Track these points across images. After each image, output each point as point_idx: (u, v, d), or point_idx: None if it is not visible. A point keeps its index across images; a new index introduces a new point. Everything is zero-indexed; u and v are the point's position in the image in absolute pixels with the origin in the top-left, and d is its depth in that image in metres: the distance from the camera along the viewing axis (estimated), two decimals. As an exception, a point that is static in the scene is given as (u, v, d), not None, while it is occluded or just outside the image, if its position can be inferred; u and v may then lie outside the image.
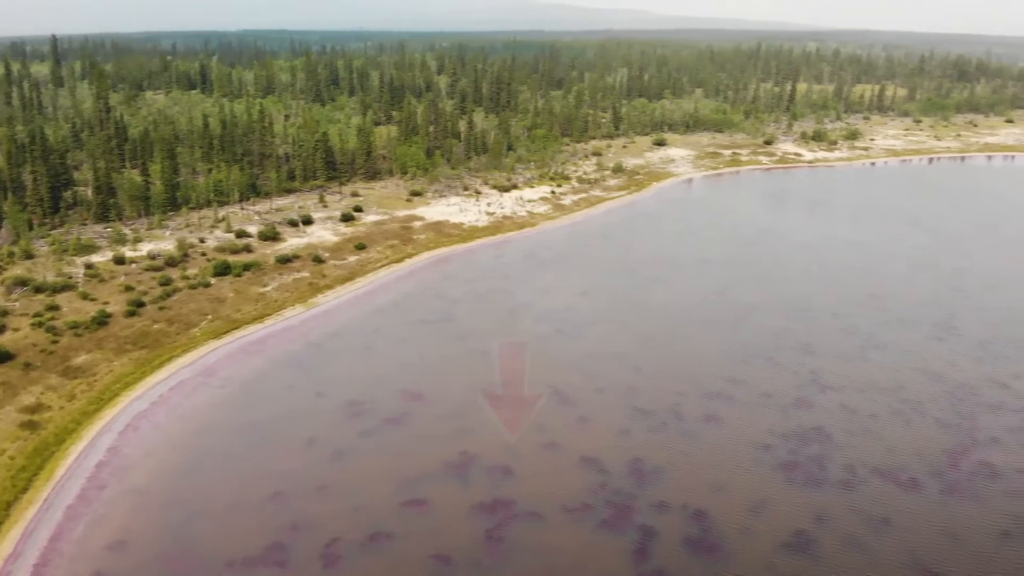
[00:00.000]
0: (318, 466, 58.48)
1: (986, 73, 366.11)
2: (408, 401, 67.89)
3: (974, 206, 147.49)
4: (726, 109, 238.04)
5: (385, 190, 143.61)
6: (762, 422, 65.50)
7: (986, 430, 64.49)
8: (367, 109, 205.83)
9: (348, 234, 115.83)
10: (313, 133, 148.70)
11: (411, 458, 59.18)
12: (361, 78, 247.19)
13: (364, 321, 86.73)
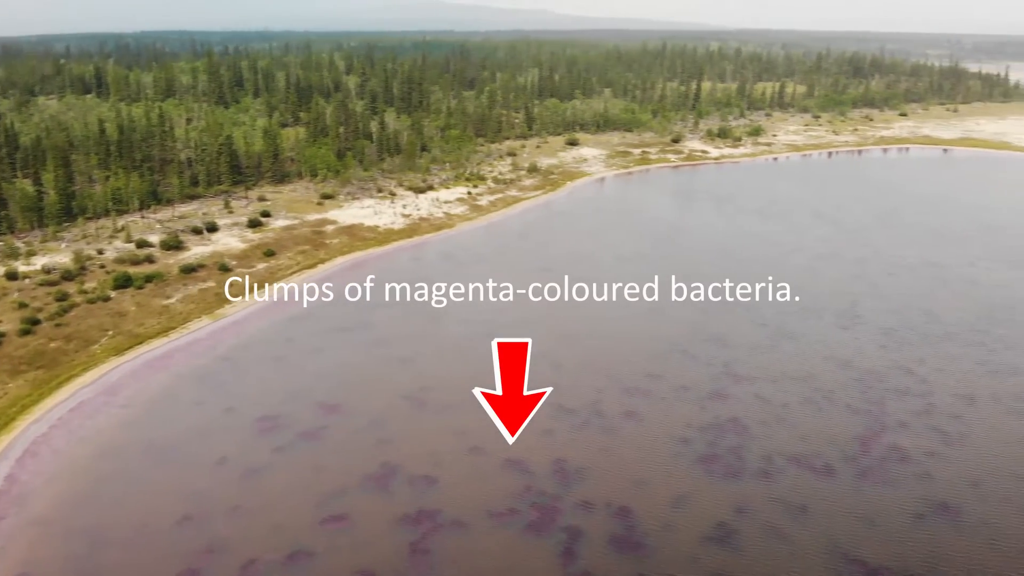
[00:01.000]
0: (231, 485, 56.01)
1: (880, 69, 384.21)
2: (325, 413, 65.89)
3: (872, 197, 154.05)
4: (635, 109, 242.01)
5: (294, 194, 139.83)
6: (680, 415, 66.39)
7: (894, 415, 67.04)
8: (273, 111, 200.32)
9: (256, 241, 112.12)
10: (217, 136, 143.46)
11: (330, 472, 57.36)
12: (266, 79, 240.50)
13: (276, 331, 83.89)
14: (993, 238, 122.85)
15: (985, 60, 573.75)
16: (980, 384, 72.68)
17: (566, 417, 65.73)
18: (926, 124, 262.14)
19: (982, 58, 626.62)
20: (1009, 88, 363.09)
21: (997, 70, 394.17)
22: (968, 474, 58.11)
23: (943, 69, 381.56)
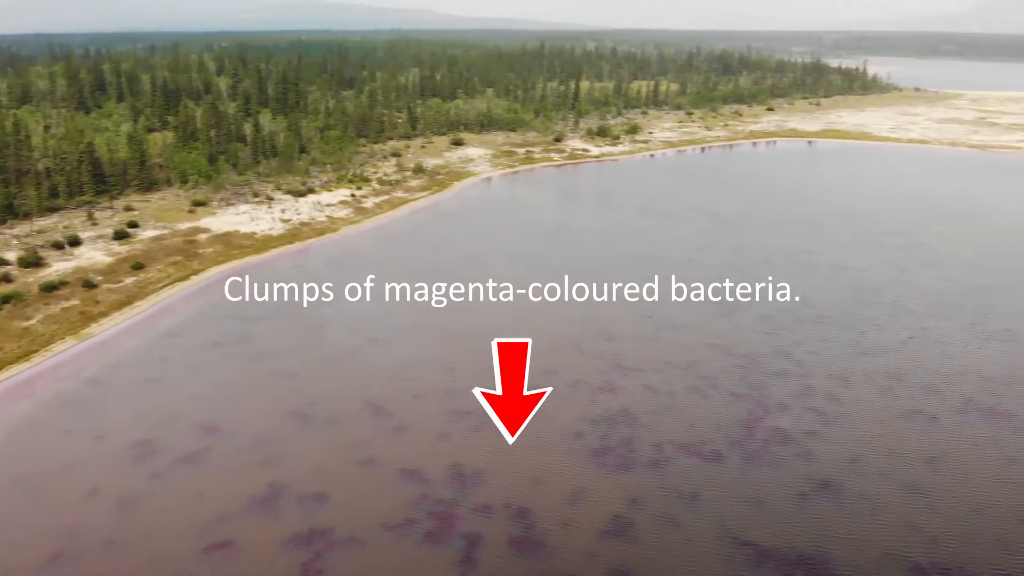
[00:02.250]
0: (104, 518, 52.08)
1: (747, 66, 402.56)
2: (205, 435, 62.34)
3: (745, 189, 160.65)
4: (517, 108, 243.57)
5: (164, 202, 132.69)
6: (573, 410, 66.72)
7: (774, 398, 69.62)
8: (139, 115, 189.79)
9: (123, 253, 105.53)
10: (77, 144, 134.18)
11: (212, 497, 54.21)
12: (131, 82, 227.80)
13: (148, 350, 78.93)
14: (858, 225, 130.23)
15: (845, 55, 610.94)
16: (853, 364, 76.56)
17: (461, 420, 64.81)
18: (792, 118, 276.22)
19: (842, 53, 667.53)
20: (867, 81, 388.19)
21: (856, 64, 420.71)
22: (847, 451, 60.91)
23: (806, 65, 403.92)
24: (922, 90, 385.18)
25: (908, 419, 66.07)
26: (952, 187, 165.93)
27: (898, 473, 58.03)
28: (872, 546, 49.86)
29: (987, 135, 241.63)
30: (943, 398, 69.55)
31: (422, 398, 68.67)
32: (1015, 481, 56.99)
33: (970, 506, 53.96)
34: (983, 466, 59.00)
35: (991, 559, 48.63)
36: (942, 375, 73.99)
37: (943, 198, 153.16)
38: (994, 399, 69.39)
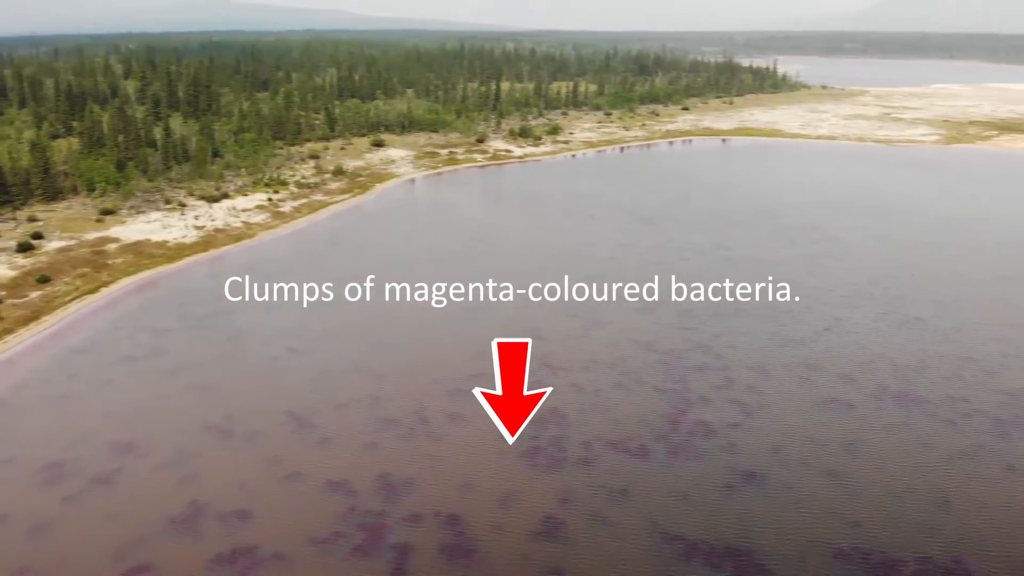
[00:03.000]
0: (14, 547, 49.15)
1: (663, 66, 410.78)
2: (119, 454, 59.54)
3: (663, 188, 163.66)
4: (438, 109, 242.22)
5: (70, 211, 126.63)
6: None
7: (697, 391, 70.90)
8: (42, 121, 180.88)
9: (27, 266, 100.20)
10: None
11: (129, 519, 51.77)
12: (33, 87, 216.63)
13: (56, 367, 74.99)
14: (772, 220, 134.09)
15: (755, 55, 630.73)
16: (771, 356, 78.64)
17: (389, 428, 63.75)
18: (706, 117, 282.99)
19: (752, 53, 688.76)
20: (777, 80, 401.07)
21: (766, 64, 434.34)
22: (768, 442, 62.45)
23: (719, 65, 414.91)
24: (829, 88, 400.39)
25: (826, 408, 68.20)
26: (860, 181, 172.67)
27: (818, 461, 59.79)
28: (796, 534, 51.17)
29: (891, 130, 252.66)
30: (858, 386, 72.07)
31: (347, 407, 67.24)
32: (930, 465, 59.43)
33: (888, 491, 55.99)
34: (899, 451, 61.33)
35: (910, 541, 50.51)
36: (857, 364, 76.68)
37: (852, 192, 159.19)
38: (907, 385, 72.30)
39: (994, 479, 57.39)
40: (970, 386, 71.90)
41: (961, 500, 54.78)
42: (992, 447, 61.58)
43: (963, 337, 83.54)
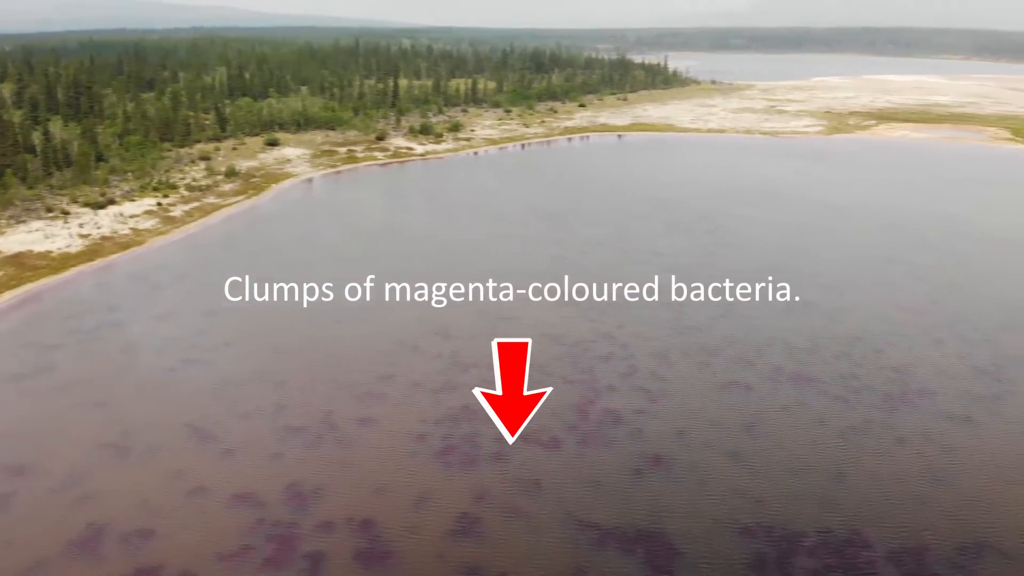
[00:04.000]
0: None
1: (558, 64, 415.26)
2: (10, 477, 55.86)
3: (563, 184, 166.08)
4: (335, 107, 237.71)
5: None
6: (414, 413, 66.00)
7: (603, 380, 72.35)
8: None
9: None
10: None
11: (25, 544, 48.70)
12: None
13: (-71, 389, 69.80)
14: (669, 213, 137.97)
15: (647, 51, 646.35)
16: (672, 343, 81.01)
17: (296, 437, 62.20)
18: (602, 113, 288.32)
19: (644, 50, 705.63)
20: (669, 76, 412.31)
21: (657, 60, 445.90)
22: (673, 426, 64.31)
23: (612, 61, 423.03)
24: (718, 82, 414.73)
25: (725, 391, 70.78)
26: (750, 172, 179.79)
27: (721, 442, 61.98)
28: (703, 515, 52.91)
29: (777, 122, 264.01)
30: (755, 368, 75.08)
31: (250, 417, 65.21)
32: (825, 441, 62.49)
33: (787, 468, 58.61)
34: (796, 429, 64.25)
35: (811, 515, 53.01)
36: (752, 347, 79.86)
37: (742, 183, 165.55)
38: (800, 365, 75.82)
39: (885, 452, 60.88)
40: (859, 364, 76.02)
41: (856, 473, 57.87)
42: (882, 421, 65.30)
43: (851, 318, 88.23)
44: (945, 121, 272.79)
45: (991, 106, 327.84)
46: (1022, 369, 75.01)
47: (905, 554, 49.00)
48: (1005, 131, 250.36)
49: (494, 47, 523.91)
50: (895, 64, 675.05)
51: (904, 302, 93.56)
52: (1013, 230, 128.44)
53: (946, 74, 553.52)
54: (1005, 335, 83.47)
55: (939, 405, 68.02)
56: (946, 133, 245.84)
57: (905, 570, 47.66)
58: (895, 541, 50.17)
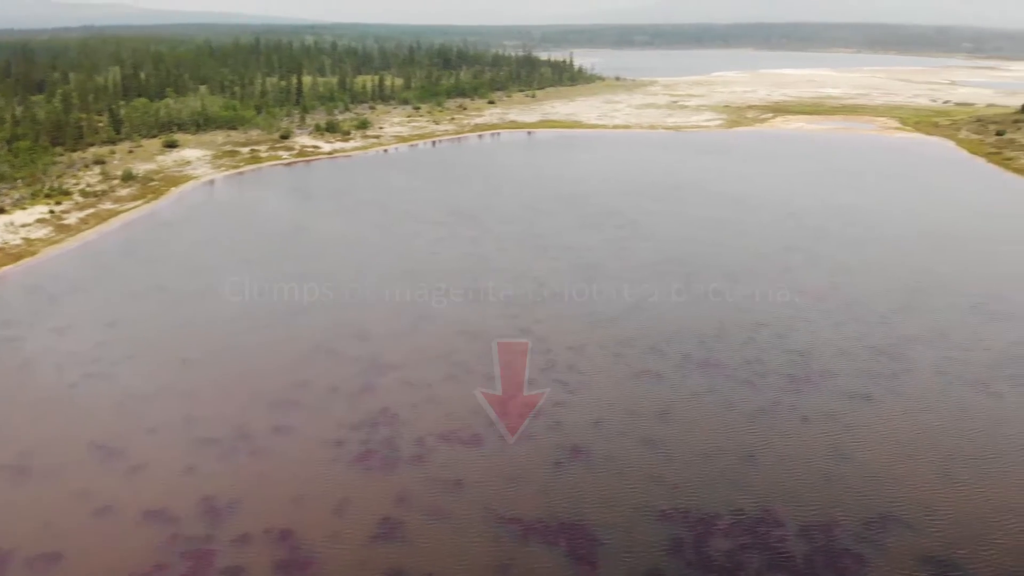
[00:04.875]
0: None
1: (466, 60, 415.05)
2: None
3: (475, 180, 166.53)
4: (236, 105, 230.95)
5: None
6: (332, 418, 64.94)
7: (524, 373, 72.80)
8: None
9: None
10: None
11: (-94, 582, 45.68)
12: None
13: None
14: (579, 208, 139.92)
15: (552, 48, 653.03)
16: (587, 335, 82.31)
17: (208, 449, 60.29)
18: (511, 110, 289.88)
19: (549, 47, 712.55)
20: (575, 72, 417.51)
21: (563, 57, 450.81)
22: (590, 417, 65.41)
23: (519, 58, 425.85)
24: (622, 79, 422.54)
25: (639, 379, 72.48)
26: (655, 167, 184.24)
27: (636, 430, 63.43)
28: (622, 502, 54.04)
29: (680, 117, 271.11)
30: (665, 357, 77.11)
31: (158, 432, 62.80)
32: (735, 424, 64.68)
33: (700, 452, 60.42)
34: (706, 414, 66.31)
35: (724, 497, 54.76)
36: (663, 336, 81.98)
37: (649, 177, 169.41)
38: (708, 352, 78.25)
39: (792, 432, 63.51)
40: (764, 349, 79.04)
41: (765, 454, 60.17)
42: (787, 403, 68.08)
43: (754, 305, 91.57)
44: (837, 113, 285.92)
45: (881, 97, 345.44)
46: (916, 348, 79.40)
47: (815, 530, 51.24)
48: (894, 120, 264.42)
49: (400, 43, 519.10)
50: (790, 58, 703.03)
51: (805, 288, 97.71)
52: (904, 216, 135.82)
53: (838, 67, 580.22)
54: (899, 316, 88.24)
55: (841, 385, 71.38)
56: (839, 124, 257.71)
57: (816, 545, 49.83)
58: (805, 518, 52.40)
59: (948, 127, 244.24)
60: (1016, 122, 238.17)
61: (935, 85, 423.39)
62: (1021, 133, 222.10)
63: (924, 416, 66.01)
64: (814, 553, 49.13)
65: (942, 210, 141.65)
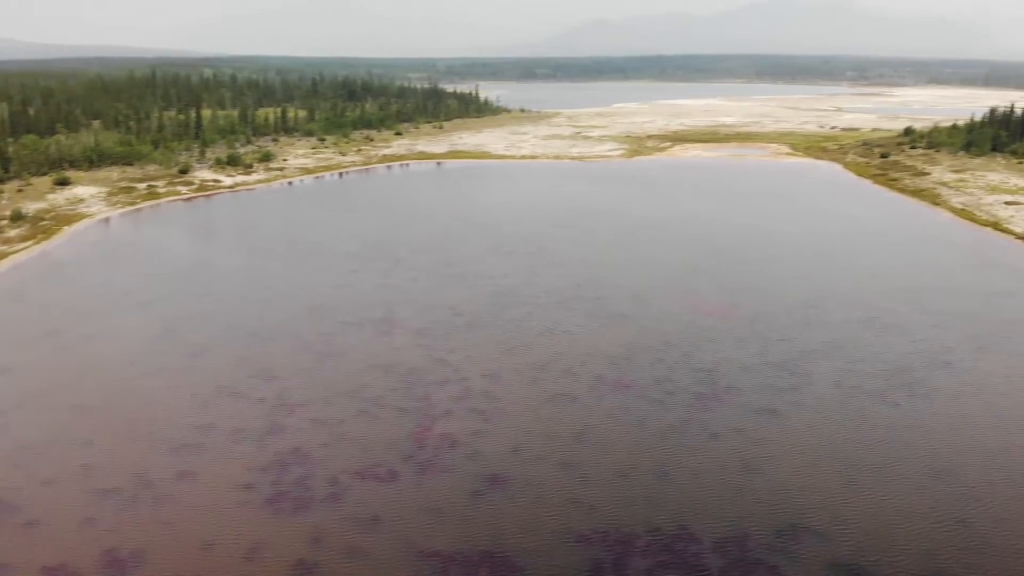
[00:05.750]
0: None
1: (371, 92, 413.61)
2: None
3: (386, 212, 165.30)
4: (132, 141, 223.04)
5: None
6: (239, 461, 62.63)
7: (438, 406, 72.26)
8: None
9: None
10: None
11: None
12: None
13: None
14: (492, 236, 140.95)
15: (458, 81, 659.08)
16: (502, 362, 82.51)
17: (108, 499, 57.10)
18: (419, 141, 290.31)
19: (455, 79, 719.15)
20: (481, 104, 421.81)
21: (469, 89, 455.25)
22: (508, 443, 65.36)
23: (426, 90, 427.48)
24: (527, 111, 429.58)
25: (554, 403, 72.99)
26: (562, 195, 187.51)
27: (553, 454, 63.72)
28: (542, 528, 54.03)
29: (584, 147, 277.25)
30: (578, 379, 78.02)
31: (54, 483, 59.18)
32: (647, 442, 65.81)
33: (616, 472, 61.12)
34: (620, 434, 67.25)
35: (641, 516, 55.44)
36: (575, 359, 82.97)
37: (557, 206, 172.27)
38: (619, 373, 79.63)
39: (702, 448, 65.05)
40: (672, 368, 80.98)
41: (678, 471, 61.38)
42: (696, 419, 69.78)
43: (661, 326, 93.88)
44: (732, 140, 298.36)
45: (772, 124, 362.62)
46: (814, 362, 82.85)
47: (729, 543, 52.41)
48: (785, 146, 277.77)
49: (303, 75, 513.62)
50: (685, 89, 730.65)
51: (708, 307, 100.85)
52: (798, 236, 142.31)
53: (731, 97, 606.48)
54: (798, 331, 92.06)
55: (746, 400, 73.72)
56: (733, 151, 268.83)
57: (730, 558, 50.95)
58: (719, 532, 53.56)
59: (836, 151, 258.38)
60: (899, 145, 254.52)
61: (822, 112, 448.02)
62: (904, 155, 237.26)
63: (826, 427, 68.81)
64: (729, 567, 50.20)
65: (833, 229, 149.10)
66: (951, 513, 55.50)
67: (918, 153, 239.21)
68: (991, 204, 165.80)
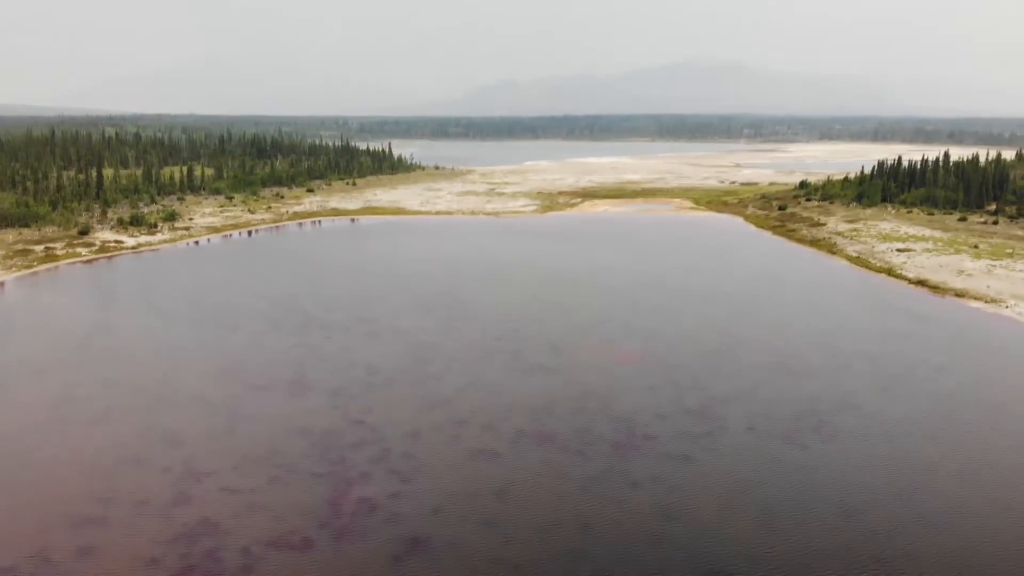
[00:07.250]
0: None
1: (281, 149, 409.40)
2: None
3: (298, 270, 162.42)
4: (28, 201, 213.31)
5: None
6: (144, 534, 59.15)
7: (355, 468, 70.30)
8: None
9: None
10: None
11: None
12: None
13: None
14: (408, 292, 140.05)
15: (371, 138, 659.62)
16: (422, 419, 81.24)
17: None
18: (332, 198, 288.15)
19: (368, 137, 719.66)
20: (395, 161, 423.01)
21: (382, 146, 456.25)
22: (428, 504, 63.93)
23: (338, 148, 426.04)
24: (441, 168, 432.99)
25: (475, 460, 72.13)
26: (479, 250, 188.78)
27: (475, 513, 62.70)
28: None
29: (498, 203, 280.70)
30: (500, 434, 77.50)
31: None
32: (569, 495, 65.61)
33: (538, 527, 60.51)
34: (542, 488, 66.85)
35: (564, 571, 54.99)
36: (496, 413, 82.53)
37: (474, 261, 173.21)
38: (540, 425, 79.55)
39: (623, 498, 65.25)
40: (591, 418, 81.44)
41: (599, 522, 61.27)
42: (616, 469, 70.10)
43: (579, 376, 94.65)
44: (639, 196, 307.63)
45: (675, 180, 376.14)
46: (725, 407, 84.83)
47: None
48: (688, 201, 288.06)
49: (210, 133, 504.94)
50: (592, 148, 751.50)
51: (624, 356, 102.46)
52: (705, 286, 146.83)
53: (636, 155, 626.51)
54: (709, 378, 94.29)
55: (662, 448, 74.64)
56: (640, 206, 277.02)
57: (652, 608, 50.82)
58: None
59: (736, 205, 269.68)
60: (795, 197, 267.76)
61: (722, 167, 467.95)
62: (800, 207, 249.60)
63: (741, 471, 70.19)
64: (654, 616, 50.09)
65: (738, 277, 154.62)
66: (866, 551, 57.06)
67: (813, 205, 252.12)
68: (884, 251, 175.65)
